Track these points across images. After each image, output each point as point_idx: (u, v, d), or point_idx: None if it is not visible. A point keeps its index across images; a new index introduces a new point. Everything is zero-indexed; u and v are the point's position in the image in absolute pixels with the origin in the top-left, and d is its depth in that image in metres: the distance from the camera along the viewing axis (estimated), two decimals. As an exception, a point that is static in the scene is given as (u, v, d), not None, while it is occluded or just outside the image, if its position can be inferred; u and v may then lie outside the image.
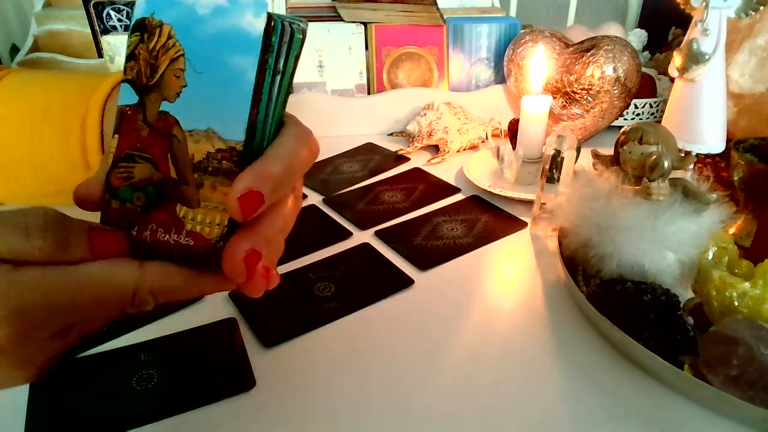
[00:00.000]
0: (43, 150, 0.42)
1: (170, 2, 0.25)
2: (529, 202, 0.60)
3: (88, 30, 0.86)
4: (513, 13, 1.13)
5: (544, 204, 0.54)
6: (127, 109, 0.26)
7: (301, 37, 0.26)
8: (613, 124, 0.75)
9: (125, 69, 0.25)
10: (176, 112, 0.25)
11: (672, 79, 0.65)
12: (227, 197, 0.24)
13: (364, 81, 0.83)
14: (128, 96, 0.26)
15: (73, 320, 0.25)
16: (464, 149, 0.76)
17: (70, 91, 0.41)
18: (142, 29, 0.25)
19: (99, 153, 0.41)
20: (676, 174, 0.43)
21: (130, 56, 0.25)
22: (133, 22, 0.25)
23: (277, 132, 0.27)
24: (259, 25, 0.24)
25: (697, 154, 0.64)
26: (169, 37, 0.25)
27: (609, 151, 0.47)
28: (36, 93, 0.42)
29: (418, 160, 0.73)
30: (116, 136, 0.26)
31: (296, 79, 0.81)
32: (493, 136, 0.71)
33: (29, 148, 0.42)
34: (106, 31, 0.85)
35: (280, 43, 0.25)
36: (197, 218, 0.25)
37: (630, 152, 0.43)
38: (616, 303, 0.40)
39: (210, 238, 0.25)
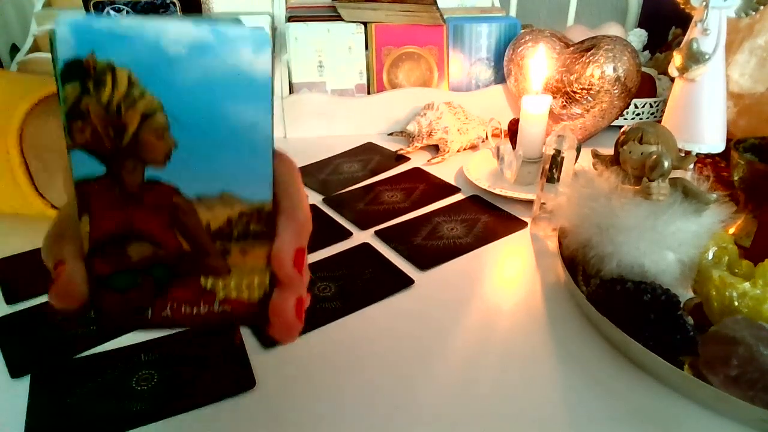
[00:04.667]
0: None
1: (114, 37, 0.19)
2: (529, 202, 0.60)
3: (88, 30, 0.86)
4: (513, 13, 1.13)
5: (544, 204, 0.54)
6: (92, 183, 0.20)
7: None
8: (613, 124, 0.75)
9: (70, 131, 0.19)
10: (171, 178, 0.20)
11: (672, 79, 0.65)
12: (275, 264, 0.22)
13: (364, 81, 0.83)
14: (86, 166, 0.20)
15: None
16: (464, 149, 0.76)
17: None
18: (81, 75, 0.19)
19: (29, 186, 0.39)
20: (676, 174, 0.43)
21: (73, 113, 0.19)
22: (60, 65, 0.18)
23: None
24: (264, 64, 0.20)
25: (697, 154, 0.64)
26: (131, 84, 0.19)
27: (609, 151, 0.47)
28: None
29: (418, 160, 0.73)
30: (85, 218, 0.20)
31: (296, 79, 0.81)
32: (493, 136, 0.71)
33: None
34: (106, 31, 0.85)
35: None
36: (230, 284, 0.22)
37: (630, 152, 0.43)
38: (616, 303, 0.40)
39: (252, 300, 0.22)
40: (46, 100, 0.39)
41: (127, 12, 0.83)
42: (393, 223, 0.58)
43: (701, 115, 0.62)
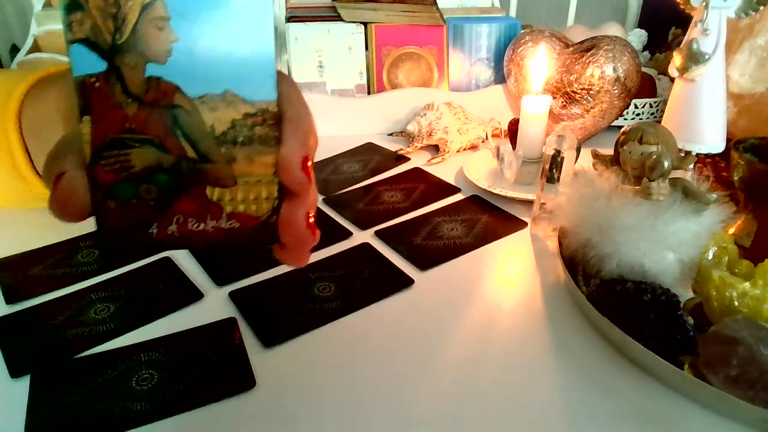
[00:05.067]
0: None
1: None
2: (529, 202, 0.60)
3: (88, 30, 0.86)
4: (513, 13, 1.13)
5: (544, 204, 0.54)
6: (93, 80, 0.19)
7: None
8: (613, 124, 0.75)
9: (69, 25, 0.18)
10: (173, 75, 0.20)
11: (672, 79, 0.65)
12: (283, 170, 0.21)
13: (364, 81, 0.83)
14: (86, 61, 0.19)
15: None
16: (464, 149, 0.76)
17: None
18: None
19: (29, 168, 0.38)
20: (676, 174, 0.43)
21: (72, 5, 0.18)
22: None
23: None
24: None
25: (697, 154, 0.64)
26: None
27: (609, 151, 0.47)
28: None
29: (418, 160, 0.73)
30: (86, 118, 0.19)
31: (296, 79, 0.81)
32: (493, 136, 0.71)
33: None
34: (106, 31, 0.85)
35: None
36: (237, 197, 0.21)
37: (630, 152, 0.43)
38: (616, 303, 0.40)
39: (259, 216, 0.21)
40: (43, 79, 0.39)
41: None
42: (393, 223, 0.58)
43: (701, 115, 0.62)
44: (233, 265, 0.50)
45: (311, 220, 0.23)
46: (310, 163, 0.22)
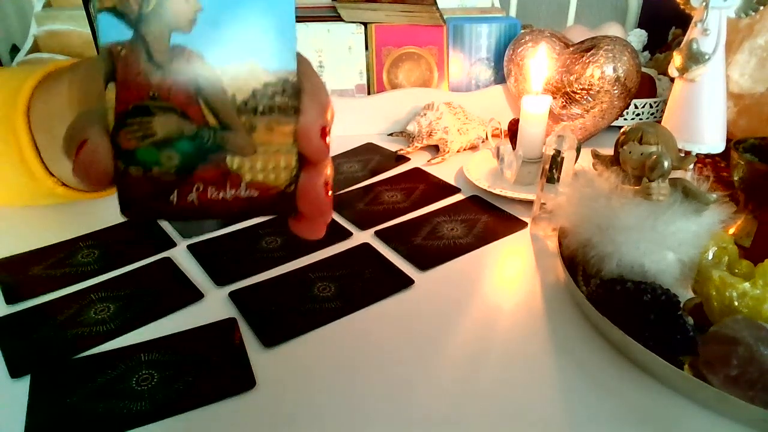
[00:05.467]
0: None
1: None
2: (529, 202, 0.60)
3: (88, 30, 0.86)
4: (513, 13, 1.13)
5: (544, 204, 0.54)
6: (119, 48, 0.20)
7: None
8: (613, 124, 0.75)
9: None
10: (196, 44, 0.20)
11: (672, 79, 0.65)
12: (303, 138, 0.21)
13: (364, 81, 0.83)
14: (113, 30, 0.19)
15: None
16: (464, 149, 0.76)
17: (4, 94, 0.39)
18: None
19: (38, 163, 0.39)
20: (676, 174, 0.43)
21: None
22: None
23: None
24: None
25: (697, 154, 0.64)
26: None
27: (609, 151, 0.47)
28: None
29: (418, 160, 0.73)
30: (111, 84, 0.20)
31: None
32: (493, 136, 0.71)
33: None
34: (106, 31, 0.85)
35: None
36: (257, 166, 0.21)
37: (630, 152, 0.43)
38: (616, 303, 0.40)
39: (278, 185, 0.22)
40: (50, 75, 0.38)
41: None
42: (393, 223, 0.58)
43: (701, 115, 0.62)
44: (233, 265, 0.50)
45: (329, 192, 0.23)
46: (328, 137, 0.22)
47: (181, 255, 0.52)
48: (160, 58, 0.20)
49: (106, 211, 0.58)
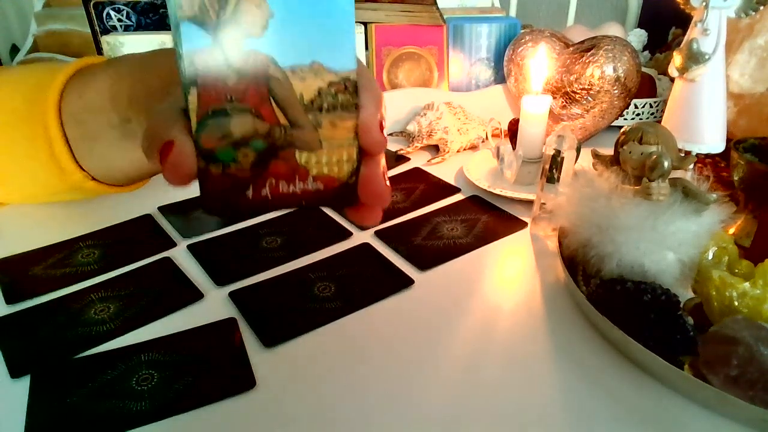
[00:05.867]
0: (17, 155, 0.40)
1: None
2: (529, 202, 0.60)
3: (88, 30, 0.86)
4: (513, 13, 1.13)
5: (544, 204, 0.54)
6: (201, 56, 0.22)
7: None
8: (613, 124, 0.75)
9: (179, 4, 0.21)
10: (267, 48, 0.22)
11: (672, 79, 0.65)
12: (364, 132, 0.23)
13: (364, 81, 0.83)
14: (194, 37, 0.21)
15: None
16: (464, 149, 0.76)
17: (29, 90, 0.39)
18: None
19: (68, 157, 0.39)
20: (676, 174, 0.43)
21: None
22: None
23: None
24: None
25: (697, 154, 0.64)
26: None
27: (609, 151, 0.47)
28: (4, 95, 0.40)
29: (418, 160, 0.73)
30: (193, 90, 0.22)
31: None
32: (493, 136, 0.71)
33: (9, 153, 0.40)
34: (105, 31, 0.85)
35: None
36: (322, 160, 0.23)
37: (630, 152, 0.43)
38: (616, 303, 0.40)
39: (341, 177, 0.24)
40: (82, 70, 0.39)
41: (128, 12, 0.82)
42: (393, 223, 0.58)
43: (701, 115, 0.62)
44: (233, 265, 0.50)
45: (387, 181, 0.25)
46: (385, 130, 0.24)
47: (181, 255, 0.52)
48: (236, 63, 0.22)
49: (106, 211, 0.58)
